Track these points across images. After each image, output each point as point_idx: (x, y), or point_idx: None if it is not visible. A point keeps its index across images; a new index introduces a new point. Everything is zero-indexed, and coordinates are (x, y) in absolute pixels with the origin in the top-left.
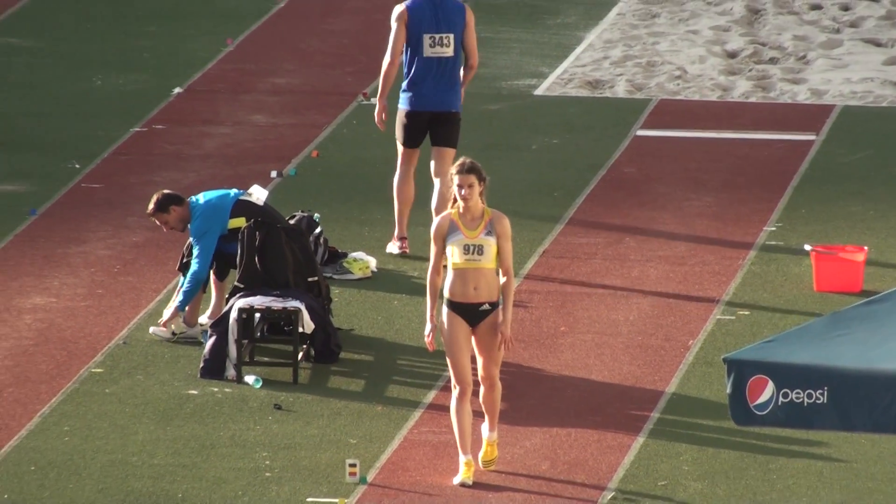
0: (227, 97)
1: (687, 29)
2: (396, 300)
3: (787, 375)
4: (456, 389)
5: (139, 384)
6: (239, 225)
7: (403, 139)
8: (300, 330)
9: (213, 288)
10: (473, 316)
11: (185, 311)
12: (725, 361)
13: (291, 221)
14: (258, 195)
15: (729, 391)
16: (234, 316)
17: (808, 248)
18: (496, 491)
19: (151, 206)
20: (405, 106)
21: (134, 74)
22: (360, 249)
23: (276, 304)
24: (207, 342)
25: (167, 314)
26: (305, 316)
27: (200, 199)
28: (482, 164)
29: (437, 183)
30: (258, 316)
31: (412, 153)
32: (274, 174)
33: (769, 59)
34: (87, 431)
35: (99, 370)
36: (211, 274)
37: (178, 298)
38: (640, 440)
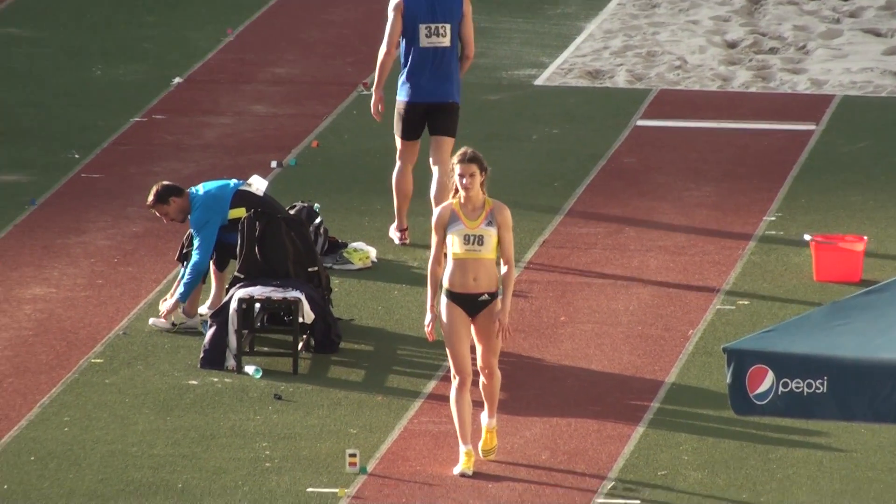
0: (227, 87)
1: (687, 19)
2: (396, 290)
3: (786, 365)
4: (455, 379)
5: (139, 374)
6: (239, 215)
7: (402, 131)
8: (300, 320)
9: (213, 278)
10: (473, 306)
11: (186, 302)
12: (725, 351)
13: (291, 211)
14: (258, 185)
15: (729, 381)
16: (234, 306)
17: (807, 237)
18: (496, 481)
19: (151, 197)
20: (402, 97)
21: (134, 64)
22: (360, 239)
23: (276, 294)
24: (207, 332)
25: (167, 306)
26: (305, 306)
27: (200, 189)
28: (483, 154)
29: (435, 171)
30: (258, 306)
31: (411, 147)
32: (274, 164)
33: (769, 49)
34: (86, 422)
35: (99, 360)
36: (211, 264)
37: (179, 290)
38: (639, 430)
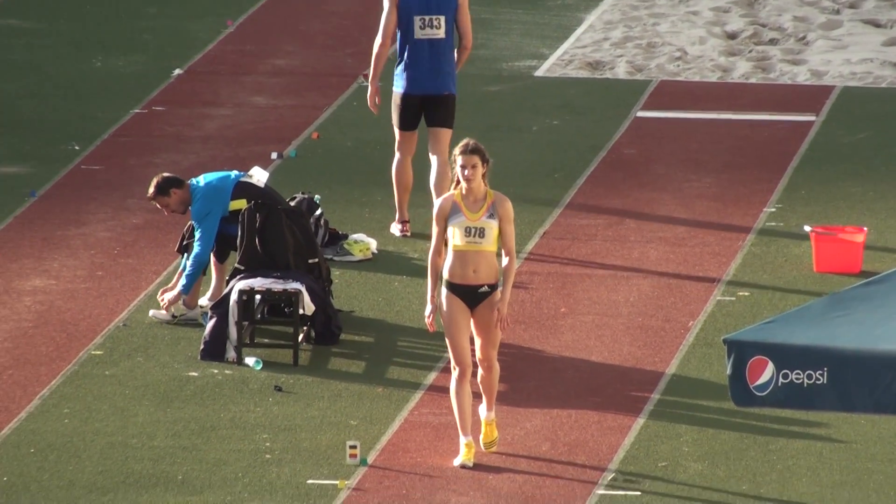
0: (227, 79)
1: (687, 10)
2: (397, 282)
3: (787, 356)
4: (455, 371)
5: (139, 366)
6: (240, 207)
7: (399, 122)
8: (300, 312)
9: (213, 270)
10: (472, 298)
11: (188, 294)
12: (725, 342)
13: (292, 203)
14: (259, 177)
15: (729, 372)
16: (234, 298)
17: (807, 229)
18: (496, 472)
19: (152, 189)
20: (398, 89)
21: (134, 56)
22: (360, 231)
23: (276, 285)
24: (208, 324)
25: (169, 297)
26: (306, 298)
27: (201, 181)
28: (483, 145)
29: (434, 160)
30: (258, 298)
31: (409, 137)
32: (274, 156)
33: (769, 40)
34: (86, 414)
35: (99, 352)
36: (211, 256)
37: (181, 282)
38: (640, 421)
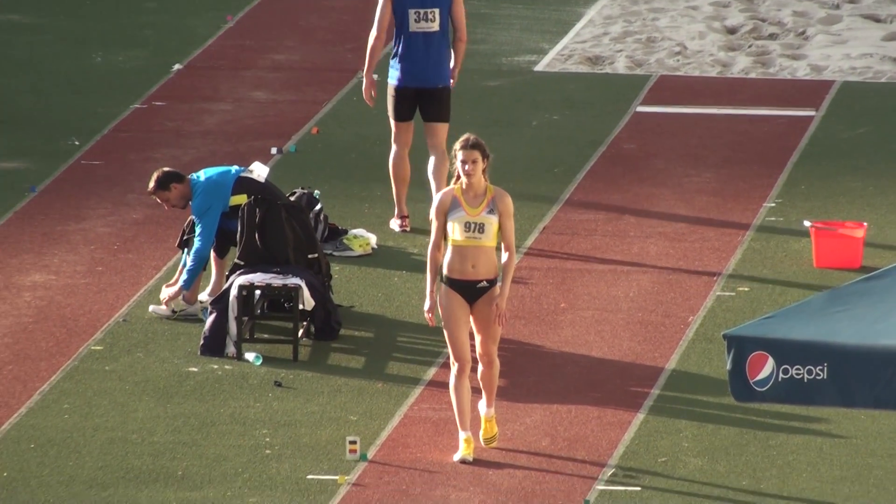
0: (227, 74)
1: (687, 5)
2: (397, 277)
3: (787, 351)
4: (454, 366)
5: (139, 361)
6: (240, 202)
7: (394, 114)
8: (300, 307)
9: (213, 265)
10: (471, 293)
11: (188, 290)
12: (725, 338)
13: (292, 198)
14: (259, 172)
15: (729, 367)
16: (234, 293)
17: (807, 224)
18: (496, 468)
19: (152, 184)
20: (392, 81)
21: (134, 51)
22: (360, 226)
23: (276, 280)
24: (207, 319)
25: (170, 293)
26: (306, 293)
27: (201, 176)
28: (483, 140)
29: (431, 152)
30: (258, 293)
31: (405, 128)
32: (274, 151)
33: (769, 34)
34: (86, 409)
35: (99, 348)
36: (211, 251)
37: (182, 278)
38: (640, 417)
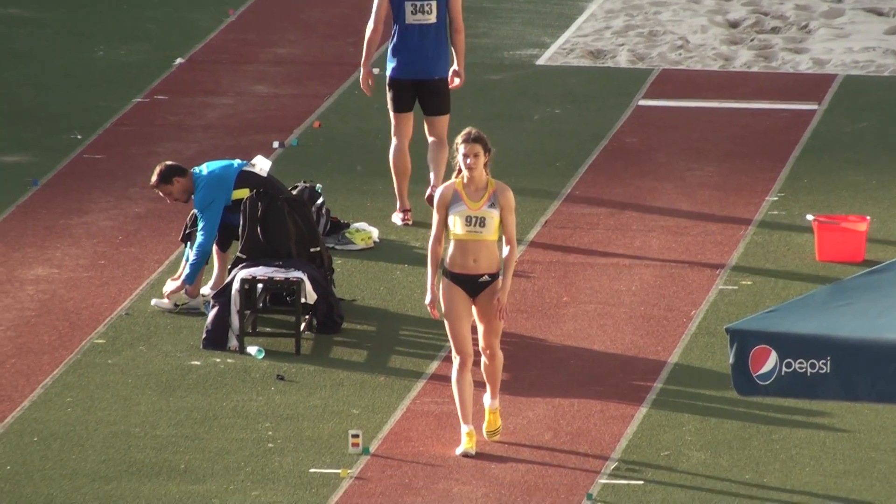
0: (228, 67)
1: None
2: (399, 270)
3: (789, 345)
4: (456, 360)
5: (141, 355)
6: (243, 196)
7: (393, 105)
8: (302, 300)
9: (215, 259)
10: (473, 287)
11: (191, 284)
12: (728, 331)
13: (294, 192)
14: (262, 166)
15: (732, 361)
16: (236, 287)
17: (810, 217)
18: (499, 461)
19: (155, 177)
20: (389, 73)
21: (136, 45)
22: (362, 220)
23: (278, 274)
24: (210, 313)
25: (173, 287)
26: (308, 286)
27: (204, 169)
28: (485, 134)
29: (431, 140)
30: (260, 286)
31: (404, 120)
32: (276, 145)
33: (771, 28)
34: (89, 402)
35: (101, 341)
36: (213, 245)
37: (185, 272)
38: (642, 410)
